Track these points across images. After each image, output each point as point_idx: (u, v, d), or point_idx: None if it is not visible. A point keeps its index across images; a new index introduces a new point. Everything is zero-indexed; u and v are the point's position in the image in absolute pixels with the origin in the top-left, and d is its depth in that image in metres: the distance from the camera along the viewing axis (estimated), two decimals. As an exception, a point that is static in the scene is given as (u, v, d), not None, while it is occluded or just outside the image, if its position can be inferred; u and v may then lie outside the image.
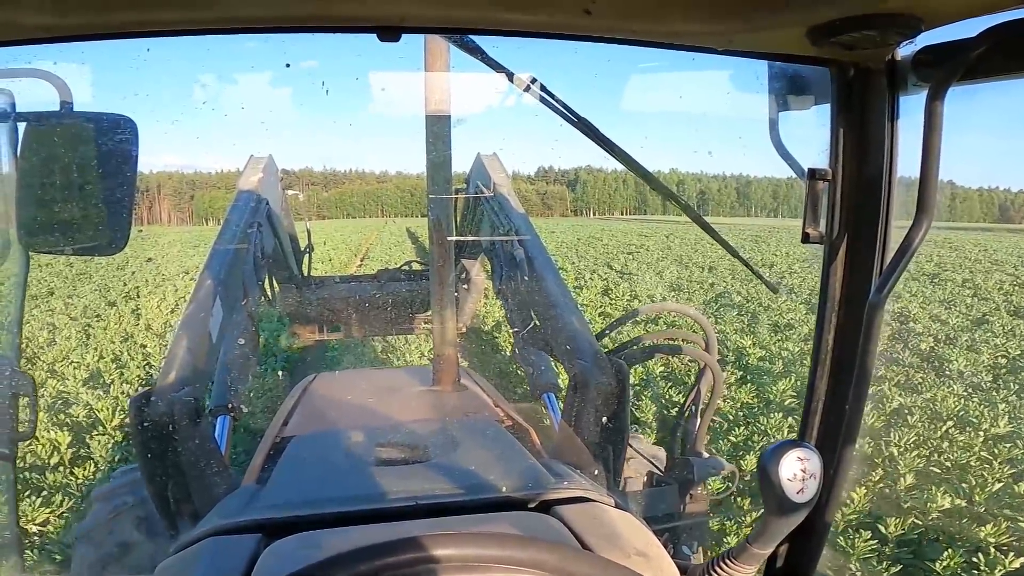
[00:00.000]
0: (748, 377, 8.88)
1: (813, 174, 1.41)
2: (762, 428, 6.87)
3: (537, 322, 2.99)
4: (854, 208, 1.40)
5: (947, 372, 9.59)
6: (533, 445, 2.54)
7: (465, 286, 4.60)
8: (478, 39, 1.49)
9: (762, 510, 1.31)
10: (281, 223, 4.20)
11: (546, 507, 1.54)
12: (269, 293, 3.96)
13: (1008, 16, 1.03)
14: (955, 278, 21.74)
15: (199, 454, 1.91)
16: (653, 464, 3.04)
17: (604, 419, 2.33)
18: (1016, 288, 19.74)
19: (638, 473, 3.05)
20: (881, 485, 5.79)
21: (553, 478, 1.70)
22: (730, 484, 3.68)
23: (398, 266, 5.14)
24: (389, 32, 1.22)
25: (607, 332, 2.92)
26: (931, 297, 17.21)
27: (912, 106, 1.28)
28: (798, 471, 1.23)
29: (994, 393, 8.51)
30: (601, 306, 14.33)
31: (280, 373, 8.85)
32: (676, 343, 2.83)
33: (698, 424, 2.72)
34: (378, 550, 0.98)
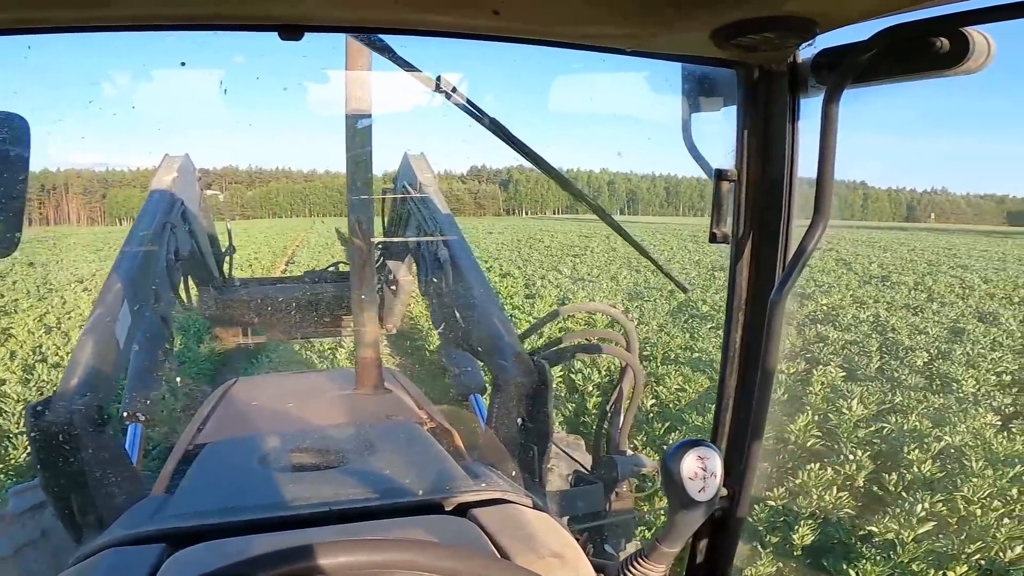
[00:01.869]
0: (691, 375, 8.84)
1: (719, 175, 1.44)
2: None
3: (462, 323, 2.97)
4: (758, 208, 1.43)
5: (961, 392, 8.55)
6: (455, 448, 2.50)
7: (393, 287, 4.52)
8: (398, 39, 1.47)
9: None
10: (199, 223, 4.08)
11: (463, 510, 1.54)
12: (185, 296, 3.79)
13: (897, 20, 1.06)
14: (906, 280, 21.56)
15: (104, 463, 1.85)
16: (579, 463, 3.09)
17: (527, 419, 2.33)
18: (966, 289, 20.18)
19: (564, 473, 3.12)
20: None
21: (471, 480, 1.69)
22: (653, 481, 3.80)
23: (324, 267, 5.06)
24: (291, 31, 1.21)
25: (529, 333, 3.05)
26: (894, 301, 16.60)
27: (816, 108, 1.24)
28: (698, 469, 1.26)
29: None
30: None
31: (201, 378, 8.61)
32: (598, 343, 2.88)
33: (621, 422, 2.75)
34: (273, 558, 0.96)
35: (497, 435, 2.38)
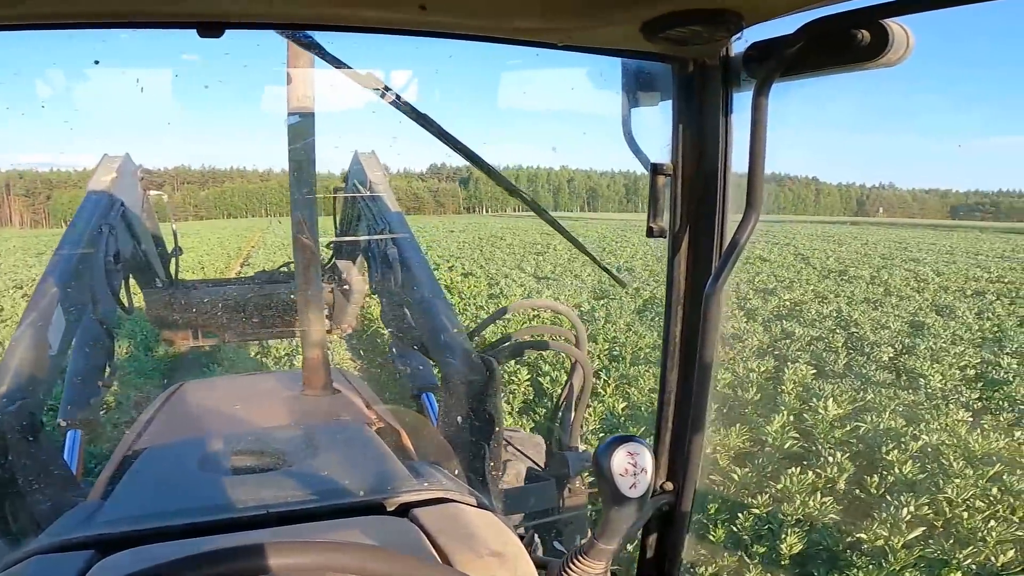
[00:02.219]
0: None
1: (655, 169, 1.44)
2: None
3: (411, 321, 2.95)
4: (694, 202, 1.43)
5: (929, 388, 8.54)
6: (402, 447, 2.45)
7: (345, 287, 4.46)
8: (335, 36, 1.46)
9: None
10: (142, 225, 4.00)
11: (404, 510, 1.53)
12: (126, 300, 3.64)
13: (822, 12, 1.07)
14: (863, 274, 21.87)
15: (38, 469, 1.83)
16: (531, 461, 3.06)
17: (476, 417, 2.33)
18: (921, 283, 20.52)
19: (517, 470, 3.04)
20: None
21: (415, 480, 1.68)
22: None
23: (276, 267, 4.93)
24: (210, 28, 1.20)
25: (478, 330, 3.09)
26: (854, 296, 16.78)
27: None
28: (628, 465, 1.24)
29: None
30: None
31: (148, 383, 8.39)
32: (547, 339, 2.89)
33: (572, 418, 2.83)
34: (194, 562, 0.93)
35: (446, 433, 2.39)
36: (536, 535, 2.71)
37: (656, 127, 1.48)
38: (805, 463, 6.39)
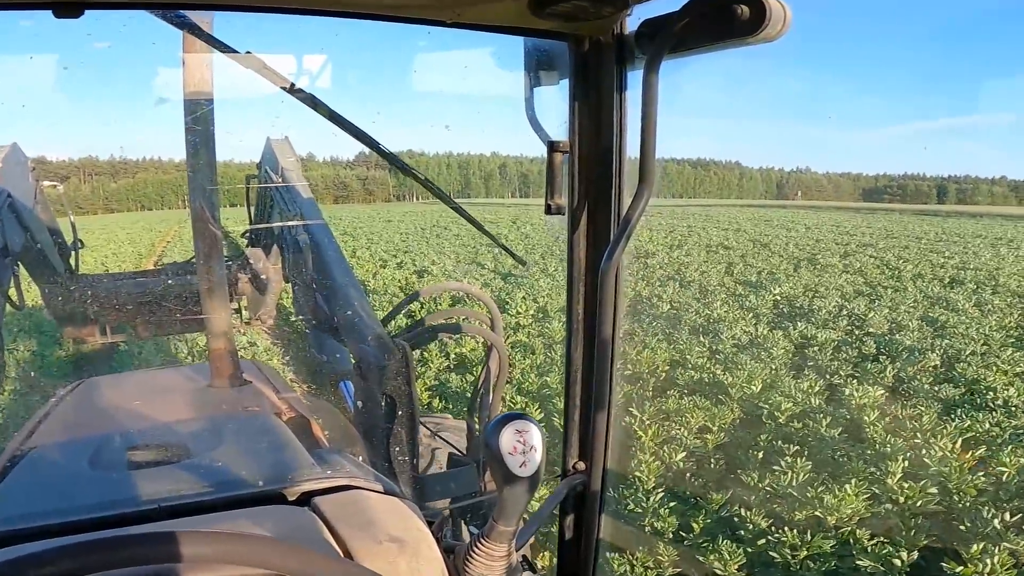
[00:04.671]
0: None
1: (552, 146, 1.45)
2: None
3: (325, 308, 2.93)
4: (591, 179, 1.44)
5: (1011, 405, 7.19)
6: (312, 436, 2.40)
7: (262, 276, 4.31)
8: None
9: None
10: (34, 217, 3.89)
11: (306, 499, 1.50)
12: (17, 295, 3.61)
13: None
14: (832, 262, 21.12)
15: None
16: (452, 446, 3.18)
17: (389, 402, 2.34)
18: (892, 271, 19.95)
19: (441, 455, 3.18)
20: None
21: (318, 468, 1.64)
22: None
23: (187, 259, 4.75)
24: (68, 8, 1.15)
25: (392, 315, 3.10)
26: (843, 288, 15.74)
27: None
28: (516, 443, 1.22)
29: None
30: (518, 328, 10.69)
31: (47, 380, 8.13)
32: (461, 322, 2.96)
33: (491, 400, 2.75)
34: (49, 556, 0.89)
35: (360, 420, 2.46)
36: (460, 520, 2.31)
37: (558, 106, 1.47)
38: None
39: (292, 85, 1.63)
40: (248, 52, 1.61)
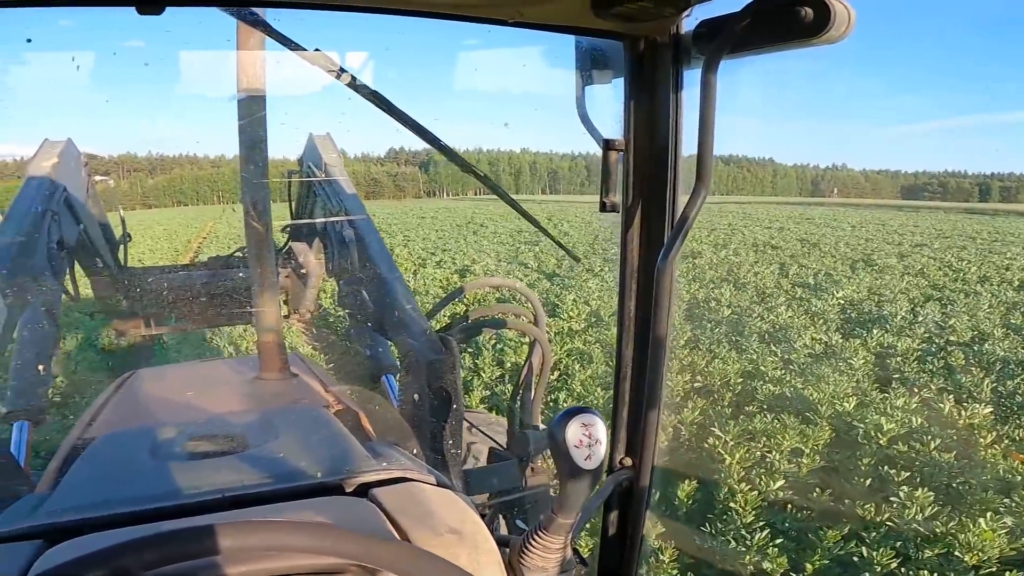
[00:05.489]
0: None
1: (608, 144, 1.46)
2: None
3: (370, 303, 2.96)
4: (646, 177, 1.45)
5: None
6: (361, 429, 2.39)
7: (302, 271, 4.34)
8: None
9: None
10: (87, 212, 3.96)
11: (363, 491, 1.52)
12: (72, 287, 3.66)
13: None
14: (891, 264, 20.14)
15: None
16: (493, 440, 3.16)
17: (435, 396, 2.36)
18: (955, 272, 18.96)
19: (480, 450, 3.20)
20: None
21: (373, 460, 1.66)
22: None
23: (230, 252, 4.79)
24: (150, 5, 1.19)
25: (436, 310, 3.17)
26: (908, 292, 14.78)
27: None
28: (582, 437, 1.24)
29: None
30: (566, 334, 10.11)
31: (98, 371, 8.23)
32: (505, 318, 2.87)
33: (532, 397, 2.77)
34: (144, 544, 0.91)
35: (406, 414, 2.41)
36: (500, 515, 2.71)
37: (609, 105, 1.47)
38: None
39: (353, 79, 1.62)
40: (317, 49, 1.58)
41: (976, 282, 16.91)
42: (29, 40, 1.68)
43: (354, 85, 1.63)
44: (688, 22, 1.31)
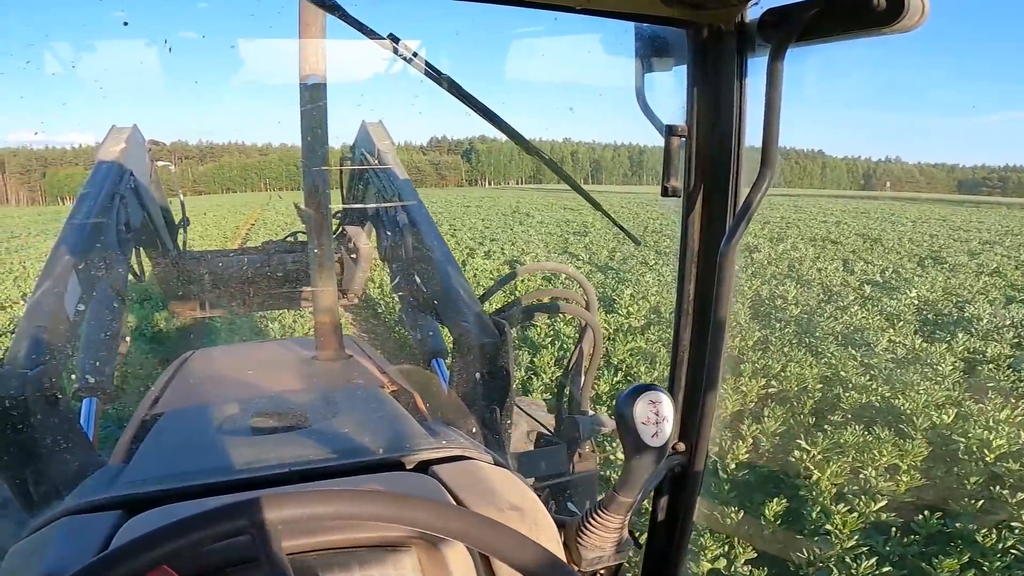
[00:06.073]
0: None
1: (670, 130, 1.45)
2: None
3: (422, 287, 2.99)
4: (708, 163, 1.45)
5: None
6: (417, 408, 2.44)
7: (353, 256, 4.30)
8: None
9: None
10: (150, 196, 3.99)
11: (424, 467, 1.55)
12: (137, 269, 3.79)
13: None
14: (961, 261, 19.14)
15: (58, 435, 1.88)
16: (542, 424, 3.19)
17: (488, 379, 2.39)
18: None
19: (528, 434, 3.20)
20: None
21: (432, 439, 1.70)
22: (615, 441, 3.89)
23: (282, 237, 4.82)
24: None
25: (489, 294, 3.16)
26: (987, 292, 13.94)
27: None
28: (650, 414, 1.25)
29: None
30: (626, 331, 9.69)
31: (158, 351, 8.38)
32: (557, 302, 2.93)
33: (582, 383, 2.80)
34: (226, 512, 0.95)
35: (459, 396, 2.44)
36: (548, 499, 2.66)
37: (666, 93, 1.48)
38: None
39: (428, 65, 1.60)
40: (390, 34, 1.55)
41: (1057, 282, 15.85)
42: (126, 23, 1.73)
43: (422, 68, 1.60)
44: (754, 10, 1.30)
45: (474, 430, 2.15)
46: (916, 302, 12.59)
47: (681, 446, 1.55)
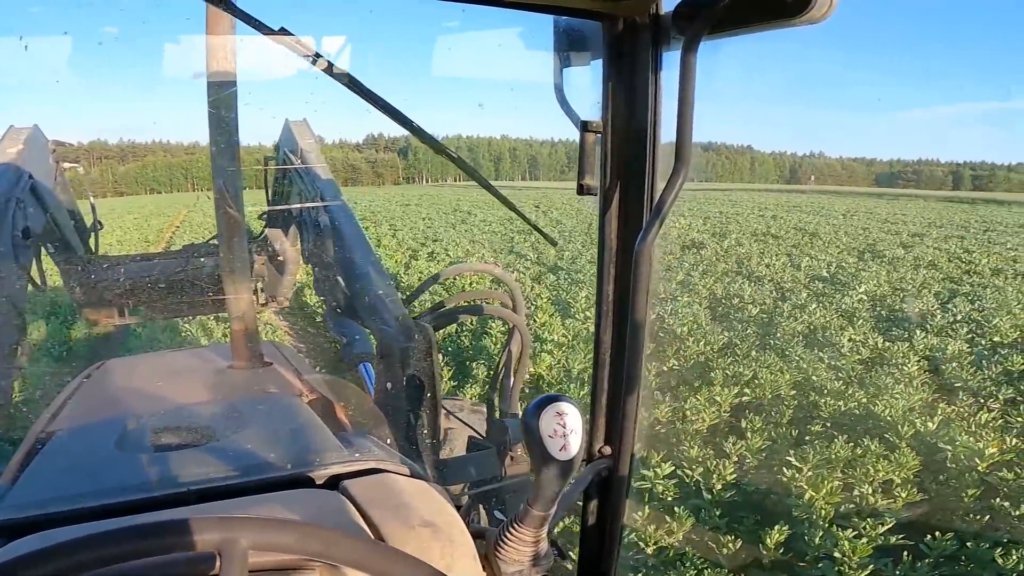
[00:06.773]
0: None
1: (585, 126, 1.43)
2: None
3: (346, 289, 2.93)
4: (624, 160, 1.43)
5: None
6: (335, 419, 2.39)
7: (279, 259, 4.28)
8: None
9: None
10: (54, 199, 3.83)
11: (334, 483, 1.50)
12: (39, 278, 3.67)
13: None
14: (898, 255, 19.56)
15: None
16: (472, 429, 3.03)
17: (412, 384, 2.36)
18: (965, 264, 18.50)
19: (459, 438, 3.02)
20: None
21: (345, 451, 1.64)
22: None
23: (205, 240, 4.58)
24: None
25: (414, 297, 3.20)
26: (928, 286, 14.16)
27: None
28: (556, 427, 1.20)
29: None
30: (584, 339, 9.18)
31: (67, 362, 8.04)
32: (483, 304, 2.90)
33: (511, 385, 2.78)
34: (87, 543, 0.88)
35: (382, 403, 2.40)
36: (479, 505, 2.61)
37: (587, 88, 1.46)
38: None
39: (330, 64, 1.56)
40: (282, 28, 1.46)
41: (990, 275, 16.35)
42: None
43: (329, 69, 1.58)
44: (668, 2, 1.28)
45: (390, 441, 2.07)
46: (865, 298, 12.63)
47: (607, 450, 1.52)
